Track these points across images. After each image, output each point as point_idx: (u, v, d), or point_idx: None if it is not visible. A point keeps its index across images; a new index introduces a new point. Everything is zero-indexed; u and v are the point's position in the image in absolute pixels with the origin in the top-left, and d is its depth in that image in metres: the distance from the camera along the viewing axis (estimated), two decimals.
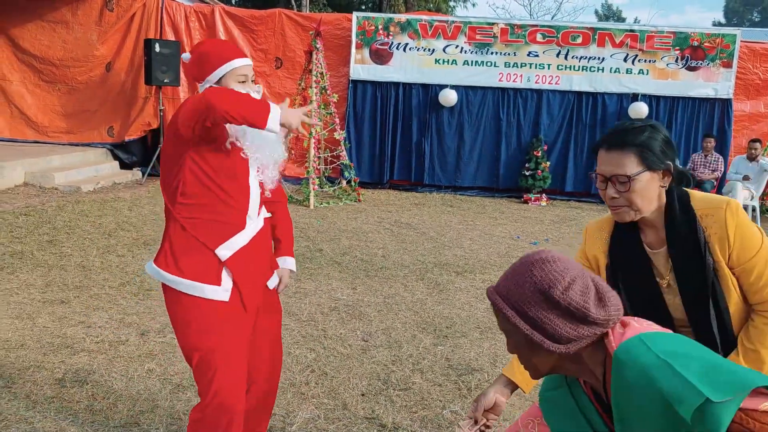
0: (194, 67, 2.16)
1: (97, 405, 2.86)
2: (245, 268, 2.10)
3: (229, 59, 2.12)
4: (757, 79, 9.80)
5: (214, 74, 2.11)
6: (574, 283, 1.26)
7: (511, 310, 1.28)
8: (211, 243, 2.05)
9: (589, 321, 1.25)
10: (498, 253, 6.33)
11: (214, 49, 2.15)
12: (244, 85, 2.14)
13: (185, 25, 10.09)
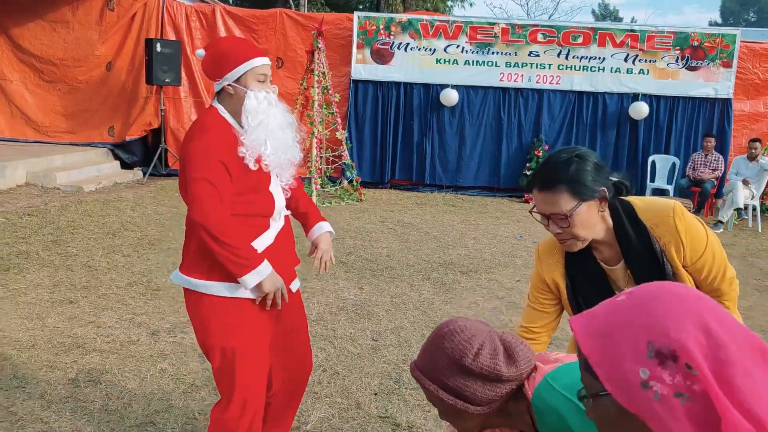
0: (211, 65, 2.11)
1: (111, 405, 2.86)
2: (274, 263, 2.11)
3: (250, 58, 2.09)
4: (756, 78, 9.83)
5: (233, 72, 2.07)
6: (482, 349, 1.32)
7: (432, 384, 1.34)
8: None
9: (503, 380, 1.32)
10: (502, 252, 6.34)
11: (234, 47, 2.11)
12: (263, 85, 2.11)
13: (186, 24, 10.08)
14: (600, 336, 0.90)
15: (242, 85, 2.07)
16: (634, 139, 9.98)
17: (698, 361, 0.82)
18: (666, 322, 0.85)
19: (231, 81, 2.08)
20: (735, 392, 0.82)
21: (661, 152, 9.94)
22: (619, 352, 0.86)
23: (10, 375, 3.09)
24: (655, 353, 0.84)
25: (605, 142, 10.01)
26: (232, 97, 2.09)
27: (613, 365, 0.87)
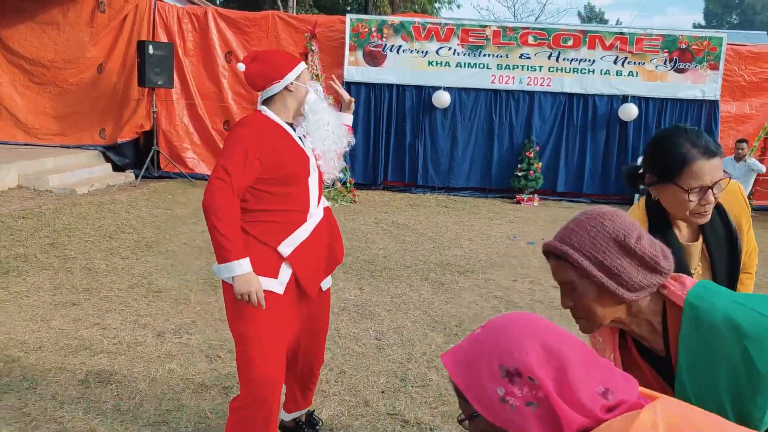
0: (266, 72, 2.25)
1: (123, 405, 2.89)
2: (307, 260, 2.21)
3: (299, 62, 2.31)
4: (742, 81, 10.01)
5: (291, 73, 2.25)
6: (643, 235, 1.32)
7: (586, 260, 1.30)
8: (273, 242, 2.17)
9: (658, 270, 1.31)
10: (497, 252, 6.42)
11: (283, 55, 2.34)
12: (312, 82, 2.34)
13: (178, 26, 10.08)
14: (465, 365, 1.05)
15: (302, 83, 2.28)
16: (624, 140, 10.11)
17: (537, 373, 0.99)
18: (511, 346, 1.02)
19: (292, 80, 2.25)
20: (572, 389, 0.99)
21: None
22: (480, 376, 1.02)
23: (19, 377, 3.10)
24: (505, 372, 1.01)
25: (595, 143, 10.14)
26: (292, 95, 2.26)
27: (477, 388, 1.02)
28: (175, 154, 10.16)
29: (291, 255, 2.19)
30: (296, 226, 2.21)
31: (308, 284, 2.26)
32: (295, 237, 2.20)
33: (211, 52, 10.07)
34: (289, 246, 2.19)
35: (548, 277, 5.60)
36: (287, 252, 2.18)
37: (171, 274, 5.03)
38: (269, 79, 2.24)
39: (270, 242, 2.16)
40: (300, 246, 2.20)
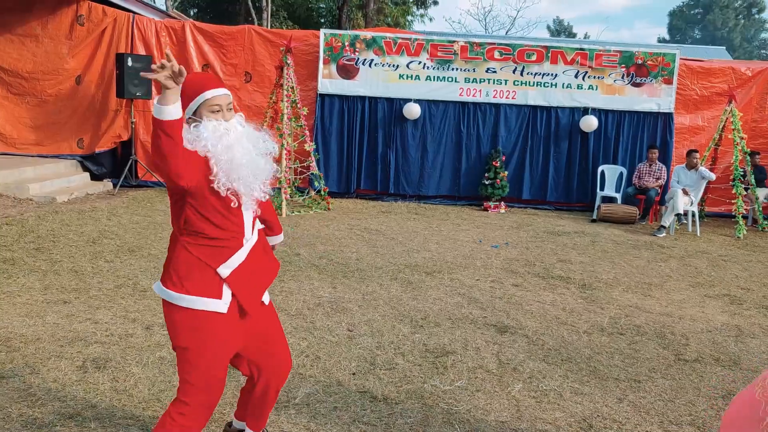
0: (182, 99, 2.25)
1: (119, 386, 3.21)
2: (244, 281, 2.35)
3: (201, 91, 2.25)
4: (694, 94, 10.63)
5: (189, 107, 2.26)
6: None
7: None
8: (213, 262, 2.29)
9: None
10: (463, 255, 6.83)
11: (190, 82, 2.27)
12: (217, 114, 2.26)
13: (156, 40, 10.36)
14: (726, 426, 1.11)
15: (198, 117, 2.26)
16: (585, 150, 10.65)
17: None
18: None
19: (190, 114, 2.27)
20: None
21: (609, 162, 10.63)
22: None
23: (21, 364, 3.39)
24: None
25: (558, 153, 10.65)
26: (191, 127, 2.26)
27: None
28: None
29: (229, 276, 2.29)
30: (234, 250, 2.31)
31: (246, 302, 2.35)
32: (232, 261, 2.31)
33: (188, 65, 10.36)
34: (228, 268, 2.29)
35: (508, 276, 6.03)
36: (226, 273, 2.28)
37: (155, 275, 5.33)
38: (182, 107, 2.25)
39: (211, 263, 2.27)
40: (238, 268, 2.31)
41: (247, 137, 2.32)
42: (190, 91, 2.25)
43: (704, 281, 6.31)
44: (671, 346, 4.33)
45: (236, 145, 2.25)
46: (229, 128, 2.27)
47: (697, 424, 3.21)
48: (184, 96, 2.24)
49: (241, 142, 2.27)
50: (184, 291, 2.25)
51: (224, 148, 2.23)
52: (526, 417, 3.16)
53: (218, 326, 2.28)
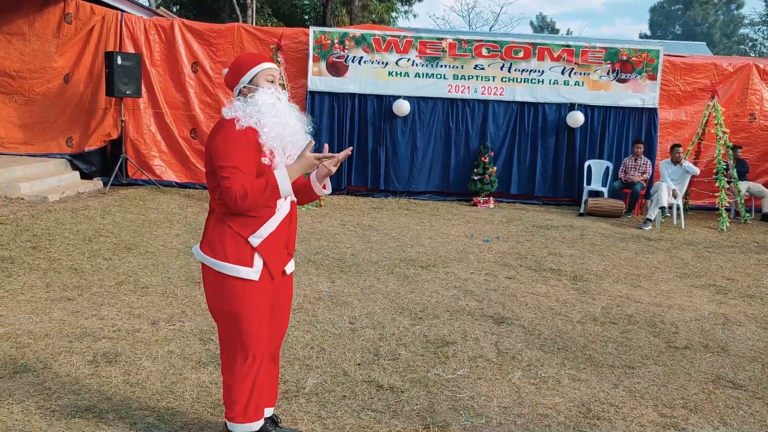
0: (230, 75, 2.57)
1: (131, 379, 3.28)
2: (273, 249, 2.53)
3: (259, 62, 2.55)
4: (678, 90, 10.84)
5: (246, 75, 2.52)
6: None
7: None
8: (244, 232, 2.48)
9: None
10: (456, 249, 6.95)
11: (246, 57, 2.59)
12: (273, 85, 2.55)
13: (145, 38, 10.36)
14: None
15: (254, 85, 2.52)
16: (572, 145, 10.82)
17: None
18: None
19: (246, 83, 2.52)
20: None
21: (595, 157, 10.81)
22: None
23: (33, 359, 3.46)
24: None
25: (545, 148, 10.82)
26: (246, 97, 2.50)
27: None
28: (143, 161, 10.42)
29: (260, 246, 2.47)
30: (265, 220, 2.48)
31: (273, 269, 2.54)
32: (263, 229, 2.48)
33: (177, 63, 10.38)
34: (258, 237, 2.47)
35: (501, 269, 6.17)
36: (257, 243, 2.46)
37: (154, 272, 5.39)
38: (229, 84, 2.56)
39: (243, 233, 2.45)
40: (268, 237, 2.49)
41: (288, 107, 2.57)
42: (249, 61, 2.55)
43: (690, 272, 6.49)
44: (662, 334, 4.49)
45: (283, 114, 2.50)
46: (279, 97, 2.54)
47: (689, 407, 3.36)
48: (241, 66, 2.54)
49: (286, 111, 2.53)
50: (220, 257, 2.47)
51: (274, 117, 2.46)
52: (527, 403, 3.29)
53: (252, 292, 2.48)
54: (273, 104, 2.48)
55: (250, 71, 2.53)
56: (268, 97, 2.48)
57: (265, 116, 2.45)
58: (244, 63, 2.56)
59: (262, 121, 2.45)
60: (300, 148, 2.55)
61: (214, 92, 10.47)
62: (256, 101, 2.46)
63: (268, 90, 2.51)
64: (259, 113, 2.45)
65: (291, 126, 2.52)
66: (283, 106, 2.53)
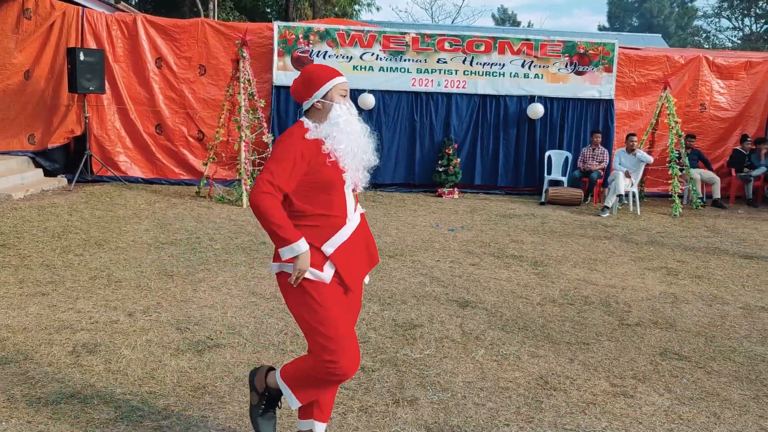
0: (301, 88, 2.52)
1: (113, 367, 3.41)
2: (348, 259, 2.50)
3: (334, 76, 2.52)
4: (633, 82, 11.25)
5: (321, 90, 2.48)
6: None
7: None
8: (317, 242, 2.44)
9: None
10: (422, 239, 7.18)
11: (319, 70, 2.55)
12: (345, 99, 2.53)
13: (107, 33, 10.30)
14: None
15: (329, 100, 2.49)
16: (532, 136, 11.15)
17: None
18: None
19: (319, 98, 2.49)
20: None
21: (555, 148, 11.17)
22: None
23: (14, 351, 3.55)
24: None
25: (507, 139, 11.12)
26: (320, 111, 2.50)
27: None
28: (108, 158, 10.38)
29: (333, 254, 2.45)
30: (337, 229, 2.48)
31: (350, 280, 2.50)
32: (336, 238, 2.47)
33: (141, 58, 10.36)
34: (331, 246, 2.45)
35: (466, 256, 6.41)
36: (330, 251, 2.44)
37: (126, 267, 5.48)
38: (301, 97, 2.52)
39: (315, 242, 2.43)
40: (341, 246, 2.47)
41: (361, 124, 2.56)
42: (324, 74, 2.52)
43: (644, 256, 6.84)
44: (615, 313, 4.78)
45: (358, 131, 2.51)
46: (353, 113, 2.54)
47: (638, 377, 3.64)
48: (316, 80, 2.50)
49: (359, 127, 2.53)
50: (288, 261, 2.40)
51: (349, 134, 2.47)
52: (490, 377, 3.53)
53: (327, 292, 2.44)
54: (348, 121, 2.49)
55: (324, 86, 2.49)
56: (344, 115, 2.48)
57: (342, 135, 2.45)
58: (319, 77, 2.51)
59: (338, 138, 2.45)
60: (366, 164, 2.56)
61: (179, 87, 10.47)
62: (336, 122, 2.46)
63: (344, 106, 2.50)
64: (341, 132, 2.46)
65: (363, 144, 2.53)
66: (357, 123, 2.53)
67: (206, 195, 9.46)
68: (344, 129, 2.46)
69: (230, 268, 5.54)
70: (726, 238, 8.05)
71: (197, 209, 8.42)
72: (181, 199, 9.15)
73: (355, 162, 2.50)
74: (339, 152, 2.45)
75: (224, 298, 4.70)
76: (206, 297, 4.72)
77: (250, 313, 4.39)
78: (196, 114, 10.53)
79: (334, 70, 2.57)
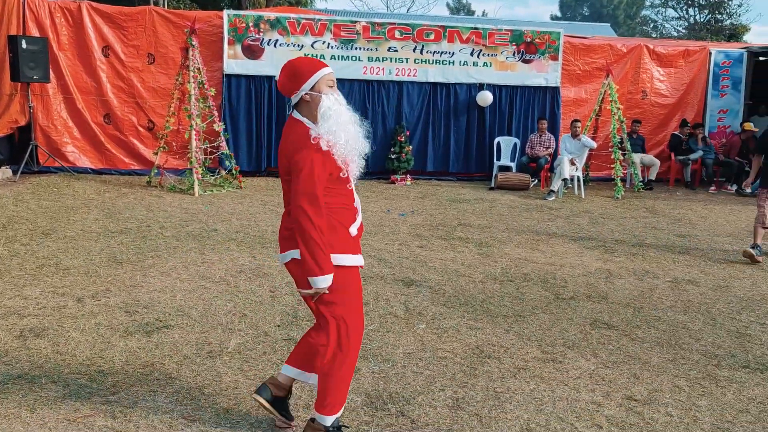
0: (287, 81, 2.56)
1: (61, 349, 3.47)
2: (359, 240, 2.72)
3: (320, 68, 2.56)
4: (578, 69, 11.61)
5: (308, 82, 2.52)
6: None
7: None
8: (347, 223, 2.61)
9: None
10: (373, 223, 7.34)
11: (304, 63, 2.59)
12: (333, 89, 2.58)
13: (51, 21, 10.09)
14: None
15: (316, 92, 2.53)
16: (482, 123, 11.42)
17: None
18: None
19: (307, 90, 2.52)
20: None
21: (504, 134, 11.46)
22: None
23: None
24: None
25: (458, 127, 11.36)
26: (309, 103, 2.54)
27: None
28: (55, 148, 10.20)
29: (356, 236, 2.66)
30: (355, 212, 2.67)
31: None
32: (357, 222, 2.67)
33: (87, 47, 10.19)
34: (354, 228, 2.65)
35: (414, 239, 6.60)
36: (354, 233, 2.64)
37: (75, 255, 5.48)
38: (288, 90, 2.56)
39: (345, 223, 2.59)
40: (359, 228, 2.69)
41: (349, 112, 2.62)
42: (309, 67, 2.55)
43: (584, 236, 7.16)
44: (552, 288, 5.04)
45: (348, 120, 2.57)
46: (342, 102, 2.58)
47: (567, 345, 3.88)
48: (301, 73, 2.53)
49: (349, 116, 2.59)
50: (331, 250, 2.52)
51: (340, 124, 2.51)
52: (429, 348, 3.72)
53: (358, 276, 2.66)
54: (338, 112, 2.53)
55: (311, 78, 2.52)
56: (334, 105, 2.53)
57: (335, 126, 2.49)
58: (305, 69, 2.54)
59: (336, 132, 2.50)
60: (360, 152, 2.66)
61: (127, 77, 10.34)
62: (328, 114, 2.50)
63: (332, 96, 2.54)
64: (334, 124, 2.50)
65: (353, 132, 2.59)
66: (346, 113, 2.58)
67: (157, 184, 9.42)
68: (337, 120, 2.51)
69: (180, 255, 5.60)
70: (663, 218, 8.46)
71: (148, 198, 8.40)
72: (132, 188, 9.09)
73: (353, 151, 2.58)
74: (340, 146, 2.51)
75: (173, 283, 4.77)
76: (155, 282, 4.79)
77: (199, 296, 4.48)
78: (145, 103, 10.43)
79: (319, 62, 2.61)
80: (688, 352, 3.83)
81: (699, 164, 11.62)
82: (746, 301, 4.91)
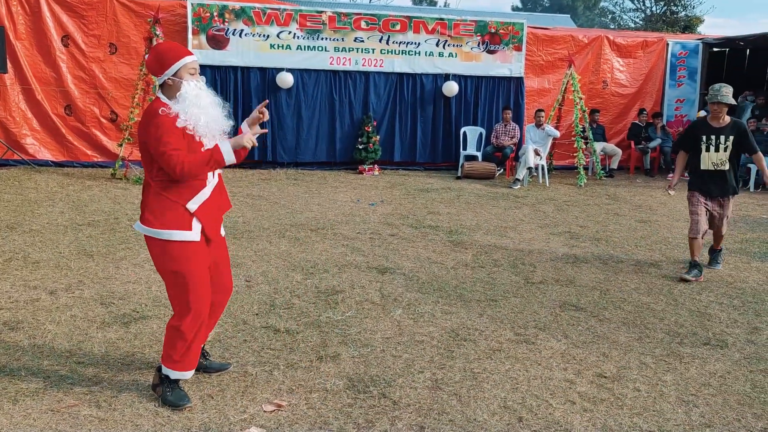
0: (154, 64, 2.77)
1: (38, 342, 3.44)
2: (209, 214, 2.85)
3: (182, 56, 2.76)
4: (541, 60, 11.82)
5: (170, 69, 2.73)
6: None
7: None
8: (182, 200, 2.77)
9: None
10: (343, 213, 7.39)
11: (169, 49, 2.79)
12: (194, 77, 2.78)
13: (6, 9, 9.81)
14: None
15: (178, 78, 2.74)
16: (448, 113, 11.54)
17: None
18: None
19: (169, 76, 2.74)
20: None
21: (470, 124, 11.61)
22: None
23: None
24: None
25: (424, 116, 11.46)
26: (171, 87, 2.75)
27: None
28: (14, 141, 9.95)
29: (197, 210, 2.78)
30: (199, 189, 2.79)
31: (210, 232, 2.86)
32: (199, 197, 2.79)
33: (46, 36, 9.95)
34: (195, 203, 2.78)
35: (385, 228, 6.68)
36: (194, 208, 2.77)
37: (43, 248, 5.39)
38: (155, 72, 2.77)
39: (180, 200, 2.75)
40: (203, 203, 2.81)
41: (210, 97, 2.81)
42: (172, 55, 2.76)
43: (550, 222, 7.34)
44: (522, 273, 5.18)
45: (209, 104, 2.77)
46: (202, 88, 2.79)
47: (539, 327, 4.02)
48: (165, 59, 2.74)
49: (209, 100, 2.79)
50: (161, 226, 2.74)
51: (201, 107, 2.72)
52: (406, 333, 3.81)
53: (194, 252, 2.79)
54: (198, 96, 2.73)
55: (174, 65, 2.73)
56: (193, 91, 2.73)
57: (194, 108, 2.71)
58: (168, 56, 2.75)
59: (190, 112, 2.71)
60: (221, 130, 2.86)
61: (88, 67, 10.14)
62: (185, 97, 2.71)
63: (191, 83, 2.74)
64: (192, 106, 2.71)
65: (213, 114, 2.80)
66: (206, 97, 2.78)
67: (122, 177, 9.28)
68: (194, 103, 2.72)
69: None
70: (624, 204, 8.72)
71: (114, 191, 8.27)
72: (96, 181, 8.94)
73: (211, 131, 2.79)
74: (200, 126, 2.73)
75: (147, 274, 4.75)
76: (129, 274, 4.76)
77: None
78: (107, 94, 10.25)
79: (183, 49, 2.82)
80: (653, 331, 4.01)
81: (658, 152, 11.98)
82: (705, 283, 5.13)
